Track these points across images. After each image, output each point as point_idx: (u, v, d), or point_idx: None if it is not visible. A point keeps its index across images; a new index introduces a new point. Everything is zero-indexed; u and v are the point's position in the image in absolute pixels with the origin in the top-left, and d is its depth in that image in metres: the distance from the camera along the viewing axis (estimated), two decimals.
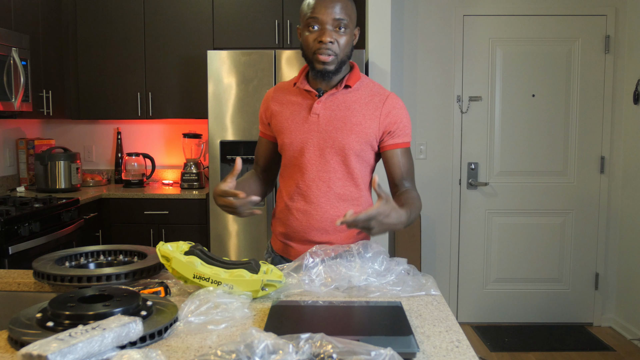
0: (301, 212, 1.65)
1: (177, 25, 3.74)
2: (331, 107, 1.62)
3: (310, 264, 1.43)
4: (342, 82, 1.63)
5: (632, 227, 3.69)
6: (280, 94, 1.71)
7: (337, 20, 1.54)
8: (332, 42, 1.54)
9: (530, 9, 3.77)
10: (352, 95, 1.63)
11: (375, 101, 1.63)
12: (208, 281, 1.29)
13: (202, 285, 1.30)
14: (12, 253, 2.59)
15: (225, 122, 3.35)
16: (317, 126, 1.61)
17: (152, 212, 3.52)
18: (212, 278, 1.29)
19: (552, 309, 3.93)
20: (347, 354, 0.82)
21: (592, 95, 3.81)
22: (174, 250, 1.37)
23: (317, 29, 1.55)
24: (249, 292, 1.30)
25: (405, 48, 3.82)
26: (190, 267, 1.31)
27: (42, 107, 3.42)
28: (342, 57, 1.57)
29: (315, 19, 1.54)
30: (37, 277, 1.37)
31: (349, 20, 1.56)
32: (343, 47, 1.56)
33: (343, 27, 1.55)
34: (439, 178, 3.89)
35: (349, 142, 1.59)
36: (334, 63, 1.56)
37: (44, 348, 0.85)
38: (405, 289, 1.38)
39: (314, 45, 1.56)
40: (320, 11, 1.53)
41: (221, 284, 1.29)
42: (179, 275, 1.32)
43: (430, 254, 3.93)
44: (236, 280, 1.29)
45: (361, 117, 1.61)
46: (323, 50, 1.54)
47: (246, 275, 1.30)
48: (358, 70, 1.67)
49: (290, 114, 1.66)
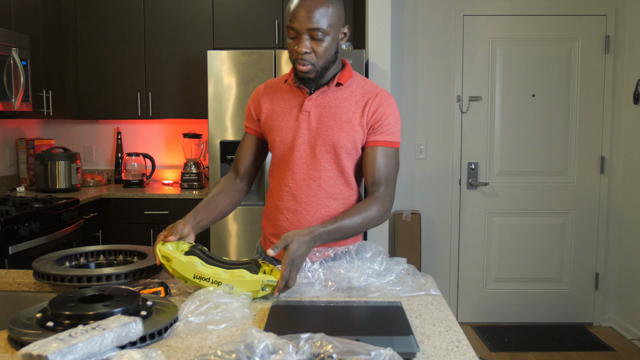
0: (291, 212, 1.63)
1: (177, 25, 3.74)
2: (322, 105, 1.60)
3: (308, 267, 1.42)
4: (334, 79, 1.61)
5: (632, 227, 3.69)
6: (271, 90, 1.69)
7: (312, 31, 1.49)
8: (308, 52, 1.51)
9: (530, 9, 3.77)
10: (343, 93, 1.61)
11: (366, 98, 1.60)
12: (208, 281, 1.29)
13: (202, 285, 1.30)
14: (12, 253, 2.59)
15: (225, 122, 3.35)
16: (307, 124, 1.60)
17: (152, 212, 3.52)
18: (212, 278, 1.29)
19: (552, 309, 3.93)
20: (347, 354, 0.82)
21: (592, 95, 3.81)
22: (174, 250, 1.37)
23: (295, 38, 1.53)
24: (249, 293, 1.30)
25: (405, 48, 3.82)
26: (190, 267, 1.31)
27: (42, 107, 3.42)
28: (322, 64, 1.54)
29: (291, 28, 1.52)
30: (37, 277, 1.37)
31: (328, 27, 1.51)
32: (321, 54, 1.52)
33: (321, 35, 1.50)
34: (439, 178, 3.89)
35: (339, 139, 1.57)
36: (312, 72, 1.54)
37: (44, 348, 0.85)
38: (405, 289, 1.38)
39: (293, 53, 1.54)
40: (295, 20, 1.50)
41: (221, 285, 1.29)
42: (179, 275, 1.32)
43: (430, 254, 3.93)
44: (236, 281, 1.29)
45: (351, 115, 1.59)
46: (300, 60, 1.52)
47: (246, 275, 1.30)
48: (350, 67, 1.65)
49: (281, 111, 1.64)
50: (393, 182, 1.63)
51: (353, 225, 1.50)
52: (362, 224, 1.52)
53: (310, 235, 1.39)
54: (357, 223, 1.51)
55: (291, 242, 1.35)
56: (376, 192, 1.58)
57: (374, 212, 1.54)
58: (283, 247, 1.35)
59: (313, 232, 1.40)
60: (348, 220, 1.49)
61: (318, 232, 1.41)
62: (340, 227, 1.47)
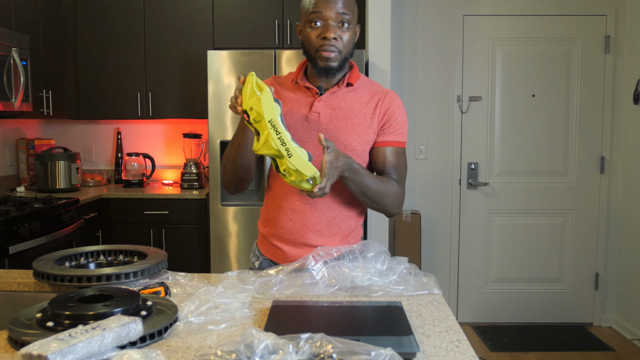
0: (295, 213, 1.60)
1: (177, 25, 3.74)
2: (332, 106, 1.58)
3: (312, 266, 1.42)
4: (344, 79, 1.59)
5: (632, 227, 3.69)
6: (278, 88, 1.66)
7: (340, 15, 1.50)
8: (336, 39, 1.51)
9: (530, 9, 3.78)
10: (353, 95, 1.60)
11: (375, 100, 1.60)
12: (277, 134, 1.30)
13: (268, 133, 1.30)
14: (12, 253, 2.59)
15: (225, 122, 3.35)
16: (317, 125, 1.57)
17: (152, 212, 3.51)
18: (282, 135, 1.31)
19: (552, 309, 3.93)
20: (347, 354, 0.82)
21: (592, 95, 3.81)
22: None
23: (320, 25, 1.51)
24: (296, 172, 1.31)
25: (405, 48, 3.82)
26: (273, 111, 1.32)
27: (42, 107, 3.42)
28: (346, 53, 1.54)
29: (318, 14, 1.50)
30: (37, 277, 1.37)
31: (351, 16, 1.52)
32: (346, 43, 1.53)
33: (346, 23, 1.51)
34: (439, 178, 3.89)
35: (351, 142, 1.56)
36: (337, 59, 1.53)
37: (44, 348, 0.85)
38: (407, 288, 1.38)
39: (317, 42, 1.52)
40: (323, 6, 1.49)
41: (285, 145, 1.30)
42: (257, 112, 1.32)
43: (430, 253, 3.93)
44: (297, 154, 1.31)
45: (362, 117, 1.58)
46: (327, 46, 1.51)
47: (306, 156, 1.32)
48: (357, 69, 1.65)
49: (289, 110, 1.61)
50: (403, 181, 1.63)
51: (373, 182, 1.52)
52: (379, 189, 1.54)
53: (347, 158, 1.43)
54: (376, 183, 1.53)
55: (334, 150, 1.38)
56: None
57: (391, 188, 1.57)
58: (326, 147, 1.37)
59: (349, 157, 1.44)
60: (369, 176, 1.52)
61: (352, 161, 1.45)
62: (363, 174, 1.49)
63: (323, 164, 1.35)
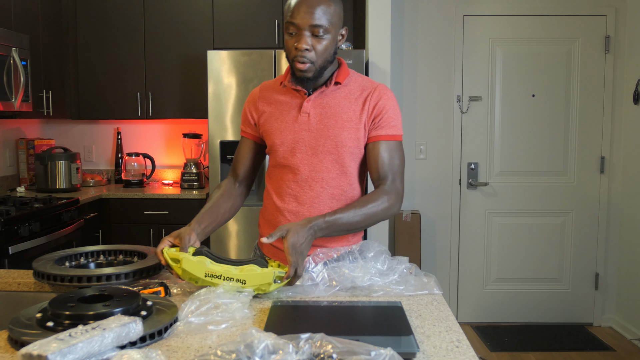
0: (293, 214, 1.60)
1: (177, 25, 3.74)
2: (321, 105, 1.58)
3: (312, 268, 1.42)
4: (332, 79, 1.59)
5: (632, 227, 3.69)
6: (267, 93, 1.66)
7: (314, 27, 1.47)
8: (309, 50, 1.49)
9: (530, 9, 3.78)
10: (342, 92, 1.59)
11: (365, 94, 1.59)
12: (220, 279, 1.29)
13: (214, 283, 1.29)
14: (12, 253, 2.59)
15: (225, 122, 3.35)
16: (307, 125, 1.57)
17: (152, 212, 3.51)
18: (224, 275, 1.29)
19: (552, 309, 3.93)
20: (347, 354, 0.82)
21: (592, 95, 3.81)
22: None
23: (295, 35, 1.50)
24: (262, 286, 1.29)
25: (405, 48, 3.82)
26: (201, 266, 1.30)
27: (42, 107, 3.42)
28: (321, 63, 1.52)
29: (292, 24, 1.49)
30: (37, 277, 1.37)
31: (329, 25, 1.49)
32: (321, 53, 1.50)
33: (322, 32, 1.49)
34: (439, 178, 3.89)
35: (342, 139, 1.55)
36: (311, 71, 1.51)
37: (44, 348, 0.85)
38: (408, 287, 1.38)
39: (292, 51, 1.52)
40: (297, 16, 1.47)
41: (233, 280, 1.28)
42: (190, 275, 1.31)
43: (430, 253, 3.93)
44: (248, 276, 1.29)
45: (352, 113, 1.57)
46: (299, 57, 1.49)
47: (257, 269, 1.30)
48: (346, 66, 1.63)
49: (279, 113, 1.61)
50: (400, 175, 1.60)
51: (354, 217, 1.48)
52: (365, 217, 1.49)
53: (308, 225, 1.39)
54: (358, 215, 1.48)
55: (288, 232, 1.35)
56: (382, 186, 1.56)
57: (378, 205, 1.51)
58: (280, 237, 1.35)
59: (310, 221, 1.40)
60: (348, 213, 1.47)
61: (315, 222, 1.40)
62: (340, 219, 1.45)
63: (286, 252, 1.32)
